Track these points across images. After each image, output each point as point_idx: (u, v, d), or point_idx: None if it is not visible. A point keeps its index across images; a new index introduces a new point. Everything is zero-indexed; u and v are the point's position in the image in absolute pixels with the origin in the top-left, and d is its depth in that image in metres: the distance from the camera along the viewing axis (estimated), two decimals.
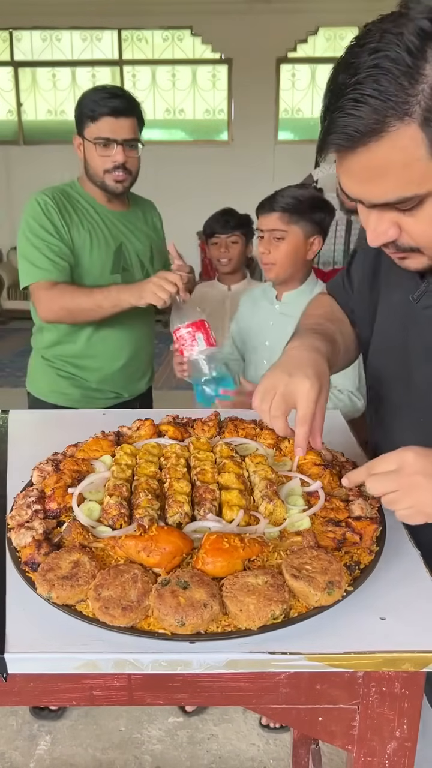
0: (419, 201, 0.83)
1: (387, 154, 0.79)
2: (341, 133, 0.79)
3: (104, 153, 1.93)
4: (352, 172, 0.84)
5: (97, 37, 7.75)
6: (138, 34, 7.71)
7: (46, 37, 7.78)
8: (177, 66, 7.81)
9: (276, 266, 1.88)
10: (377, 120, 0.76)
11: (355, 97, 0.76)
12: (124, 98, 1.92)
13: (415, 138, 0.77)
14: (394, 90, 0.74)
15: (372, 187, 0.83)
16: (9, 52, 7.82)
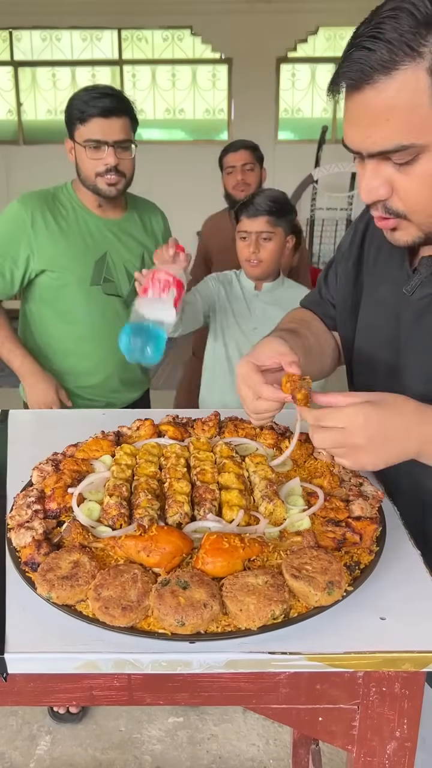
0: (415, 155, 0.84)
1: (394, 94, 0.81)
2: (354, 66, 0.82)
3: (95, 156, 1.86)
4: (357, 114, 0.85)
5: (97, 36, 7.75)
6: (138, 33, 7.71)
7: (46, 37, 7.77)
8: (177, 66, 7.80)
9: (263, 263, 2.06)
10: (390, 55, 0.79)
11: (373, 34, 0.80)
12: (115, 97, 1.84)
13: (422, 81, 0.79)
14: (411, 30, 0.78)
15: (373, 132, 0.85)
16: (9, 52, 7.82)
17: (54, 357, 2.04)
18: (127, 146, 1.88)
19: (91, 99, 1.82)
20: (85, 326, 2.01)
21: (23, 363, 1.97)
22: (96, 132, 1.83)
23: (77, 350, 2.04)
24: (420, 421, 0.89)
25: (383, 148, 0.85)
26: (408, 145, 0.83)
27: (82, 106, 1.83)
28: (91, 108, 1.82)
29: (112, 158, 1.85)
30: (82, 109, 1.83)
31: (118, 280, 2.02)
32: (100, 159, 1.86)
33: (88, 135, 1.84)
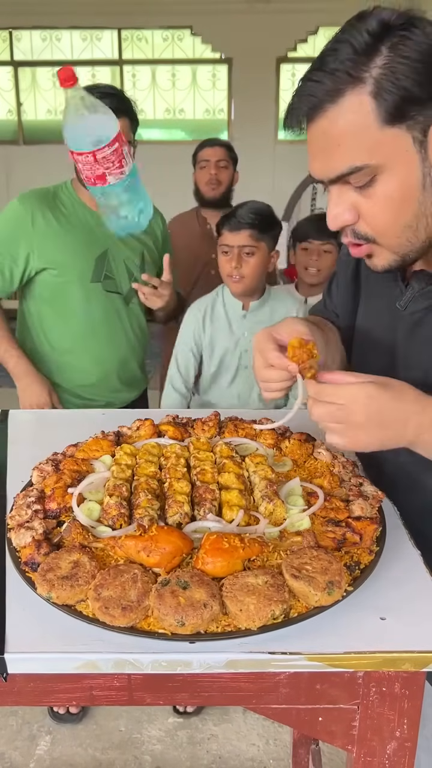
0: (372, 177, 0.88)
1: (342, 119, 0.86)
2: (305, 99, 0.88)
3: None
4: (315, 143, 0.91)
5: (97, 36, 7.75)
6: (138, 33, 7.71)
7: (46, 37, 7.77)
8: (177, 66, 7.80)
9: (246, 279, 2.00)
10: (335, 84, 0.85)
11: (317, 67, 0.87)
12: (115, 97, 1.80)
13: (365, 105, 0.85)
14: (349, 59, 0.84)
15: (329, 158, 0.90)
16: (9, 52, 7.82)
17: (53, 355, 2.04)
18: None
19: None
20: (85, 323, 2.01)
21: (18, 363, 1.97)
22: None
23: (76, 348, 2.04)
24: (419, 410, 0.89)
25: (339, 171, 0.89)
26: (361, 166, 0.87)
27: None
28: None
29: None
30: None
31: (119, 277, 2.02)
32: None
33: None
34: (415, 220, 0.91)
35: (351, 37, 0.85)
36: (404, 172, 0.88)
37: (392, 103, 0.84)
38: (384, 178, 0.88)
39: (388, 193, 0.89)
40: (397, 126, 0.85)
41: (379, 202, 0.90)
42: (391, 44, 0.84)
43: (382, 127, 0.85)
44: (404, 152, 0.87)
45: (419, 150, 0.87)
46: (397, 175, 0.88)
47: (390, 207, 0.90)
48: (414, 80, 0.83)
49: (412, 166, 0.87)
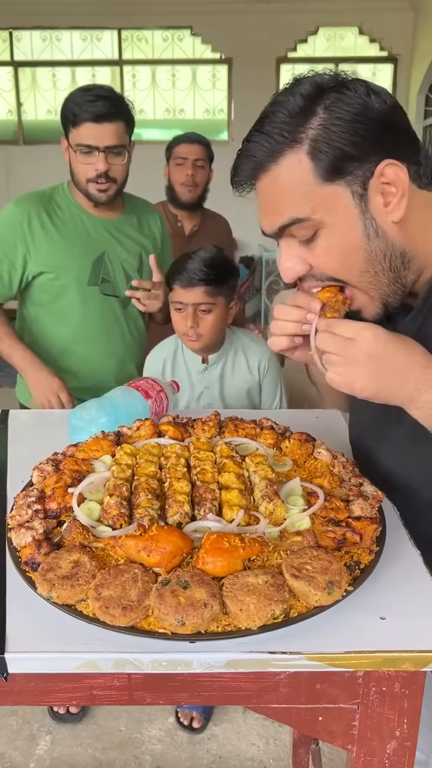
0: (314, 232, 0.92)
1: (283, 176, 0.91)
2: (248, 160, 0.93)
3: (86, 161, 1.83)
4: (262, 201, 0.96)
5: (97, 37, 7.75)
6: (138, 34, 7.71)
7: (46, 37, 7.77)
8: (177, 66, 7.81)
9: (204, 338, 1.84)
10: (273, 145, 0.90)
11: (257, 129, 0.92)
12: (109, 100, 1.79)
13: (304, 163, 0.90)
14: (286, 122, 0.89)
15: (274, 214, 0.94)
16: (9, 52, 7.82)
17: (51, 358, 2.01)
18: (120, 151, 1.84)
19: (84, 102, 1.78)
20: (83, 327, 2.00)
21: (24, 357, 1.93)
22: (87, 137, 1.79)
23: (74, 351, 2.02)
24: (425, 365, 0.88)
25: (282, 222, 0.93)
26: (302, 218, 0.91)
27: (76, 109, 1.79)
28: (83, 112, 1.77)
29: (102, 164, 1.82)
30: (75, 112, 1.79)
31: (116, 280, 2.00)
32: (90, 164, 1.83)
33: (79, 139, 1.81)
34: (369, 266, 0.94)
35: (287, 101, 0.90)
36: (344, 228, 0.91)
37: (328, 162, 0.88)
38: (325, 233, 0.92)
39: (330, 248, 0.93)
40: (336, 182, 0.90)
41: (324, 255, 0.94)
42: (326, 105, 0.88)
43: (321, 184, 0.90)
44: (344, 207, 0.91)
45: (359, 203, 0.91)
46: (337, 231, 0.92)
47: (335, 259, 0.94)
48: (348, 139, 0.87)
49: (352, 221, 0.91)
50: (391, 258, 0.94)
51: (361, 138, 0.88)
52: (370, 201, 0.90)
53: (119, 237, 2.01)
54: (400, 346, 0.88)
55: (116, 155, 1.84)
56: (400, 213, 0.91)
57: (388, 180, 0.90)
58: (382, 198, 0.91)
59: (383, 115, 0.89)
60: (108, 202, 1.92)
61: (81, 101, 1.78)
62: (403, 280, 0.97)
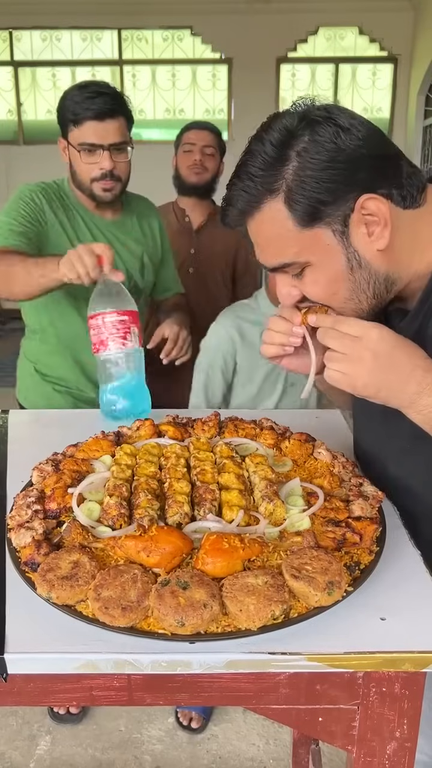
0: (301, 268, 0.96)
1: (264, 225, 0.95)
2: (232, 207, 0.97)
3: (90, 160, 1.78)
4: (252, 239, 1.00)
5: (97, 37, 7.75)
6: (138, 34, 7.71)
7: (46, 37, 7.78)
8: (177, 66, 7.81)
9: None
10: (251, 196, 0.93)
11: (237, 177, 0.95)
12: (109, 96, 1.74)
13: (282, 212, 0.92)
14: (261, 173, 0.91)
15: (264, 254, 0.99)
16: (9, 52, 7.82)
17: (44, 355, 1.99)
18: (123, 148, 1.80)
19: (84, 99, 1.74)
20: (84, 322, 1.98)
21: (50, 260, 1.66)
22: (90, 135, 1.75)
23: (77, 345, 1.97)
24: (426, 368, 0.89)
25: (273, 265, 0.99)
26: (289, 262, 0.96)
27: (76, 108, 1.75)
28: (85, 110, 1.73)
29: (107, 162, 1.77)
30: (76, 111, 1.75)
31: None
32: (95, 163, 1.78)
33: (82, 138, 1.77)
34: (354, 295, 0.97)
35: (259, 150, 0.92)
36: (329, 264, 0.94)
37: (304, 211, 0.91)
38: (310, 269, 0.96)
39: (316, 281, 0.97)
40: (316, 226, 0.92)
41: (311, 286, 0.98)
42: (298, 151, 0.89)
43: (300, 230, 0.92)
44: (326, 246, 0.93)
45: (341, 240, 0.93)
46: (321, 267, 0.95)
47: (321, 289, 0.97)
48: (321, 187, 0.89)
49: (335, 257, 0.94)
50: (375, 285, 0.96)
51: (334, 183, 0.89)
52: (351, 235, 0.92)
53: (122, 239, 1.98)
54: (404, 348, 0.89)
55: (120, 152, 1.80)
56: (384, 242, 0.93)
57: (370, 212, 0.91)
58: (366, 228, 0.92)
59: (355, 153, 0.89)
60: (113, 201, 1.88)
61: (80, 99, 1.74)
62: (383, 303, 1.00)
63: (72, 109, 1.76)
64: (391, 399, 0.91)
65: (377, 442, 1.16)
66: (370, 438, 1.20)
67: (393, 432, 1.07)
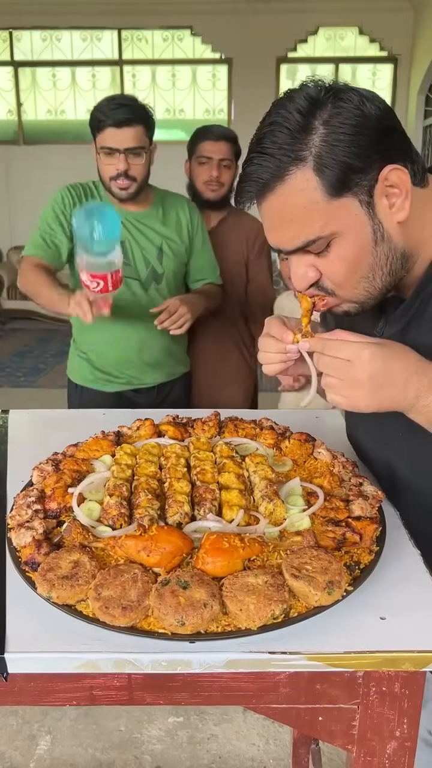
0: (327, 244, 0.93)
1: (290, 197, 0.91)
2: (251, 181, 0.93)
3: (108, 161, 2.03)
4: (269, 219, 0.96)
5: (97, 37, 7.75)
6: (138, 34, 7.71)
7: (46, 37, 7.78)
8: (177, 66, 7.81)
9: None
10: (277, 165, 0.90)
11: (258, 150, 0.91)
12: (129, 107, 2.00)
13: (310, 181, 0.90)
14: (288, 141, 0.89)
15: (284, 233, 0.95)
16: (9, 52, 7.83)
17: (77, 333, 2.26)
18: (138, 152, 2.02)
19: (108, 109, 1.99)
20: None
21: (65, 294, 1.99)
22: (109, 140, 2.00)
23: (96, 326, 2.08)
24: (420, 372, 0.90)
25: (297, 245, 0.94)
26: (315, 239, 0.93)
27: (100, 116, 2.00)
28: (106, 118, 1.98)
29: (122, 164, 2.01)
30: (100, 119, 2.00)
31: (136, 265, 2.16)
32: (112, 164, 2.02)
33: (102, 143, 2.02)
34: (371, 272, 0.96)
35: (284, 119, 0.90)
36: (356, 234, 0.93)
37: (335, 177, 0.89)
38: (338, 242, 0.93)
39: (343, 255, 0.94)
40: (344, 195, 0.90)
41: (337, 262, 0.95)
42: (324, 120, 0.89)
43: (329, 199, 0.90)
44: (354, 216, 0.92)
45: (367, 210, 0.92)
46: (349, 239, 0.93)
47: (347, 265, 0.95)
48: (352, 152, 0.88)
49: (362, 227, 0.93)
50: (392, 261, 0.96)
51: (363, 149, 0.89)
52: (376, 206, 0.92)
53: (141, 228, 2.17)
54: (396, 360, 0.90)
55: (136, 156, 2.02)
56: (404, 213, 0.93)
57: (392, 183, 0.91)
58: (387, 200, 0.93)
59: (379, 122, 0.90)
60: (130, 198, 2.10)
61: (105, 109, 2.00)
62: (395, 282, 0.99)
63: (97, 117, 2.02)
64: (393, 408, 0.92)
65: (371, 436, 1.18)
66: (363, 430, 1.21)
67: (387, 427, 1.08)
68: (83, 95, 7.96)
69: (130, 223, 2.15)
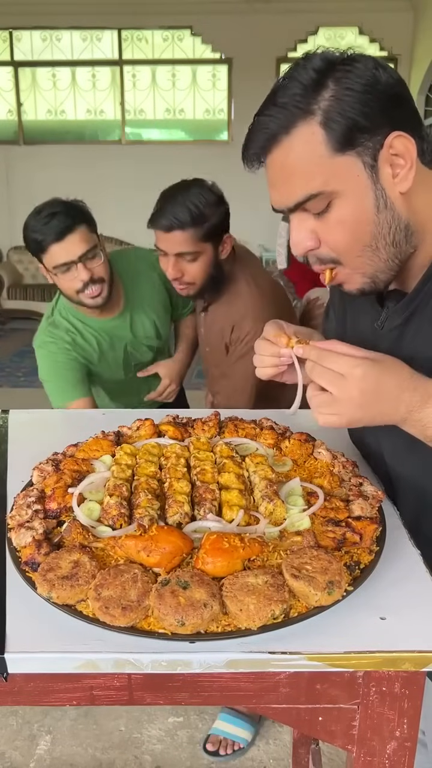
0: (328, 203, 0.93)
1: (295, 149, 0.92)
2: (260, 133, 0.94)
3: (68, 277, 1.84)
4: (273, 175, 0.97)
5: (97, 37, 7.75)
6: (138, 34, 7.71)
7: (46, 37, 7.77)
8: (177, 66, 7.81)
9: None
10: (286, 116, 0.91)
11: (270, 101, 0.94)
12: (63, 215, 1.78)
13: (316, 134, 0.91)
14: (299, 93, 0.91)
15: (286, 188, 0.95)
16: (9, 52, 7.82)
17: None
18: (94, 254, 1.84)
19: (42, 226, 1.79)
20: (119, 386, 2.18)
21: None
22: (57, 257, 1.81)
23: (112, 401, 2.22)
24: (412, 387, 0.90)
25: (297, 199, 0.94)
26: (316, 192, 0.92)
27: (37, 236, 1.81)
28: (45, 236, 1.79)
29: (84, 273, 1.82)
30: (38, 239, 1.81)
31: (143, 355, 2.14)
32: (74, 278, 1.84)
33: (53, 262, 1.82)
34: (373, 241, 0.96)
35: (299, 74, 0.92)
36: (357, 196, 0.93)
37: (341, 132, 0.90)
38: (339, 203, 0.93)
39: (343, 217, 0.94)
40: (348, 153, 0.91)
41: (337, 226, 0.95)
42: (336, 78, 0.90)
43: (333, 155, 0.91)
44: (356, 177, 0.92)
45: (370, 174, 0.92)
46: (351, 200, 0.93)
47: (347, 230, 0.95)
48: (359, 110, 0.89)
49: (364, 190, 0.93)
50: (396, 231, 0.96)
51: (371, 109, 0.90)
52: (380, 172, 0.93)
53: (131, 323, 2.07)
54: (389, 376, 0.90)
55: (92, 258, 1.84)
56: (407, 184, 0.93)
57: (397, 152, 0.92)
58: (390, 169, 0.93)
59: (391, 88, 0.91)
60: (105, 303, 1.93)
61: (38, 226, 1.80)
62: (401, 256, 0.99)
63: (34, 239, 1.82)
64: (386, 421, 0.93)
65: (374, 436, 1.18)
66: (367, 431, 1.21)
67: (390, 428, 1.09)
68: (83, 95, 7.96)
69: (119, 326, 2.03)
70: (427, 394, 0.90)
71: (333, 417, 0.92)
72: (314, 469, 1.13)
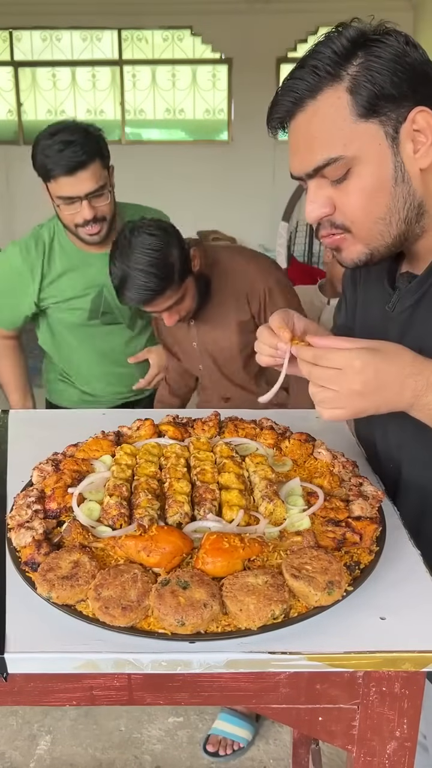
0: (347, 170, 0.94)
1: (320, 112, 0.93)
2: (287, 95, 0.96)
3: (70, 210, 1.78)
4: (295, 140, 0.97)
5: (97, 37, 7.75)
6: (138, 34, 7.71)
7: (46, 37, 7.77)
8: (177, 66, 7.81)
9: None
10: (314, 78, 0.93)
11: (300, 65, 0.95)
12: (78, 144, 1.70)
13: (342, 99, 0.92)
14: (330, 57, 0.92)
15: (307, 153, 0.96)
16: (9, 52, 7.82)
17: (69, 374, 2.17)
18: (101, 193, 1.78)
19: (54, 153, 1.72)
20: (89, 352, 2.08)
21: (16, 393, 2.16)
22: (65, 190, 1.75)
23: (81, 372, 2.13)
24: (415, 372, 0.89)
25: (316, 164, 0.94)
26: (336, 157, 0.93)
27: (47, 162, 1.73)
28: (55, 166, 1.72)
29: (87, 212, 1.77)
30: (48, 166, 1.74)
31: (116, 311, 2.01)
32: (76, 213, 1.79)
33: (58, 192, 1.76)
34: (388, 214, 0.96)
35: (332, 42, 0.93)
36: (377, 165, 0.93)
37: (366, 98, 0.91)
38: (358, 170, 0.94)
39: (361, 185, 0.94)
40: (371, 120, 0.92)
41: (354, 193, 0.95)
42: (367, 49, 0.92)
43: (356, 120, 0.92)
44: (377, 146, 0.93)
45: (391, 145, 0.93)
46: (370, 168, 0.93)
47: (364, 198, 0.95)
48: (386, 78, 0.90)
49: (384, 160, 0.93)
50: (410, 208, 0.96)
51: (398, 79, 0.91)
52: (401, 145, 0.93)
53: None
54: (389, 363, 0.89)
55: (99, 197, 1.78)
56: (428, 160, 0.93)
57: (419, 128, 0.92)
58: (412, 144, 0.93)
59: (419, 64, 0.92)
60: (101, 241, 1.87)
61: (51, 152, 1.72)
62: (408, 235, 0.99)
63: (43, 164, 1.75)
64: (392, 408, 0.92)
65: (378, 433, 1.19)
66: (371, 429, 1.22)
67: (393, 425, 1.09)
68: (83, 95, 7.96)
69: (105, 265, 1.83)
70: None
71: (337, 411, 0.92)
72: (314, 469, 1.13)
